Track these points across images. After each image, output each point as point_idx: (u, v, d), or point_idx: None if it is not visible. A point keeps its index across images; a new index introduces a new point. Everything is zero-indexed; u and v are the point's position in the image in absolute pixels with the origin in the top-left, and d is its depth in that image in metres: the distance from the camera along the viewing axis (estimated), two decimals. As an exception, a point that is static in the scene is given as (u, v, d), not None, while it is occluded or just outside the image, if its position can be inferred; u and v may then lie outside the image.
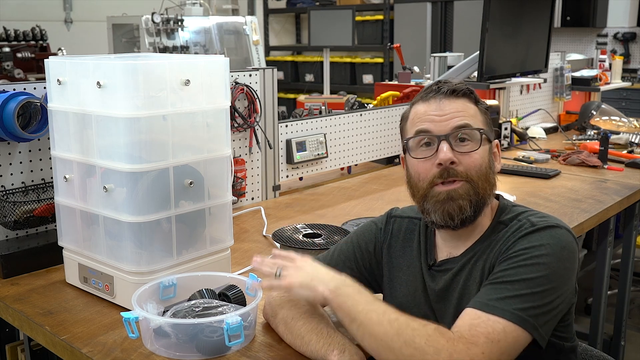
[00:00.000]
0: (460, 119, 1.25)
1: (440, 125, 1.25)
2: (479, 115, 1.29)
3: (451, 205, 1.23)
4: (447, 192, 1.23)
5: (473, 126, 1.25)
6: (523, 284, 1.12)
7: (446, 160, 1.22)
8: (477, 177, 1.24)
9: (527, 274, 1.13)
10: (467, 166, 1.23)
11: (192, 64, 1.51)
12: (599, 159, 2.94)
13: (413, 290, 1.33)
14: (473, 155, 1.24)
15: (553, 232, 1.19)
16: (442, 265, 1.31)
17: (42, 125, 1.75)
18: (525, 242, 1.18)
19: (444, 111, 1.26)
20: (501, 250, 1.21)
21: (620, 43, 6.74)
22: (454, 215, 1.23)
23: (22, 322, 1.49)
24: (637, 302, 3.79)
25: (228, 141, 1.60)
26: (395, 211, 1.45)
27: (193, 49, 5.28)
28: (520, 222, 1.24)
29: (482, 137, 1.25)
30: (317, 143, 2.61)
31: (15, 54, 3.51)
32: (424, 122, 1.27)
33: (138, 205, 1.43)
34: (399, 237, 1.40)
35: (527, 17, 3.33)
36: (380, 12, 7.03)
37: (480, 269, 1.24)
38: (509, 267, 1.16)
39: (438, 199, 1.24)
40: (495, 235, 1.26)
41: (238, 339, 1.26)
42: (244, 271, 1.71)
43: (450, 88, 1.27)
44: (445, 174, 1.23)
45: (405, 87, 3.40)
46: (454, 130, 1.24)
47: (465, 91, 1.28)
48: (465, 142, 1.25)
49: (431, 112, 1.27)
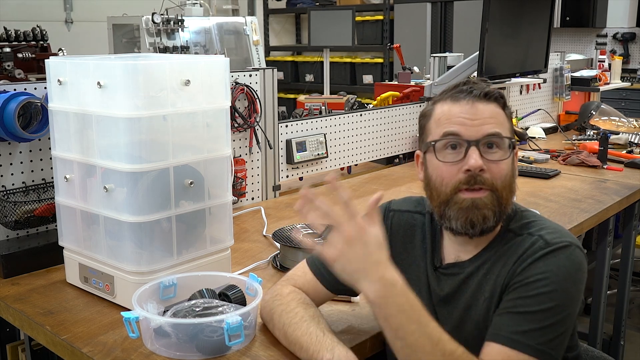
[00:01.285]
0: (492, 126, 1.20)
1: (472, 130, 1.19)
2: (506, 122, 1.24)
3: (475, 213, 1.19)
4: (472, 199, 1.19)
5: (503, 134, 1.21)
6: (542, 315, 1.12)
7: (476, 168, 1.17)
8: (502, 186, 1.20)
9: (546, 302, 1.13)
10: (494, 175, 1.19)
11: (192, 64, 1.51)
12: (598, 159, 2.94)
13: (417, 290, 1.29)
14: (501, 164, 1.20)
15: (568, 254, 1.16)
16: (448, 269, 1.28)
17: (42, 126, 1.75)
18: (541, 266, 1.15)
19: (476, 115, 1.20)
20: (515, 271, 1.18)
21: (620, 43, 6.74)
22: (477, 224, 1.19)
23: (22, 322, 1.49)
24: (637, 302, 3.79)
25: (228, 141, 1.60)
26: (393, 205, 1.41)
27: (193, 49, 5.28)
28: (532, 237, 1.21)
29: (512, 148, 1.22)
30: (317, 143, 2.61)
31: (16, 54, 3.50)
32: (453, 124, 1.21)
33: (138, 205, 1.43)
34: (399, 232, 1.36)
35: (527, 17, 3.33)
36: (380, 12, 7.02)
37: (492, 283, 1.21)
38: (528, 295, 1.14)
39: (462, 206, 1.19)
40: (505, 244, 1.23)
41: (238, 339, 1.26)
42: (244, 271, 1.71)
43: (484, 91, 1.22)
44: (472, 181, 1.18)
45: (405, 87, 3.40)
46: (486, 137, 1.19)
47: (497, 95, 1.23)
48: (493, 149, 1.20)
49: (462, 115, 1.21)
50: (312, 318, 1.28)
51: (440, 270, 1.30)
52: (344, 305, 1.52)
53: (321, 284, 1.37)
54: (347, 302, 1.52)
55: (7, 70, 3.39)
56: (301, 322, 1.26)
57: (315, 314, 1.31)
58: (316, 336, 1.22)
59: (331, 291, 1.38)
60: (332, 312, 1.48)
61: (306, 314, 1.29)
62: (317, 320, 1.28)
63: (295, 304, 1.31)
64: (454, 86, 1.26)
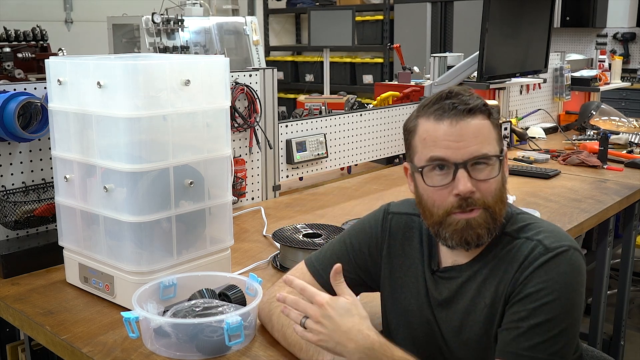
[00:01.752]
0: (478, 147, 1.17)
1: (458, 153, 1.17)
2: (493, 133, 1.20)
3: (469, 233, 1.18)
4: (466, 220, 1.18)
5: (490, 152, 1.18)
6: (549, 325, 1.12)
7: (466, 193, 1.16)
8: (494, 202, 1.19)
9: (551, 312, 1.12)
10: (484, 193, 1.18)
11: (192, 64, 1.51)
12: (598, 159, 2.94)
13: (416, 293, 1.31)
14: (491, 182, 1.18)
15: (568, 259, 1.16)
16: (446, 272, 1.28)
17: (42, 126, 1.75)
18: (542, 275, 1.15)
19: (462, 137, 1.17)
20: (518, 280, 1.17)
21: (620, 43, 6.74)
22: (471, 242, 1.19)
23: (22, 322, 1.49)
24: (637, 302, 3.79)
25: (228, 141, 1.60)
26: (392, 207, 1.40)
27: (193, 49, 5.28)
28: (530, 241, 1.20)
29: (501, 165, 1.20)
30: (317, 143, 2.61)
31: (16, 54, 3.50)
32: (439, 148, 1.18)
33: (138, 205, 1.43)
34: (398, 235, 1.36)
35: (527, 17, 3.33)
36: (380, 12, 7.03)
37: (493, 290, 1.21)
38: (532, 306, 1.14)
39: (456, 228, 1.19)
40: (502, 249, 1.22)
41: (238, 339, 1.26)
42: (244, 271, 1.71)
43: (467, 107, 1.18)
44: (464, 204, 1.17)
45: (405, 87, 3.40)
46: (472, 159, 1.17)
47: (481, 107, 1.20)
48: (481, 166, 1.18)
49: (447, 138, 1.18)
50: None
51: (438, 274, 1.29)
52: (344, 305, 1.52)
53: (319, 285, 1.37)
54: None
55: (7, 70, 3.39)
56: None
57: None
58: None
59: (329, 292, 1.37)
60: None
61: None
62: None
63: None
64: (437, 96, 1.23)
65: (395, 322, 1.34)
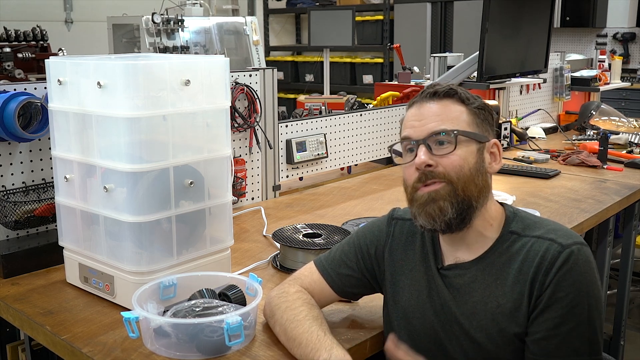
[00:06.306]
0: (437, 124, 1.23)
1: (419, 131, 1.25)
2: (464, 116, 1.25)
3: (432, 206, 1.22)
4: (427, 193, 1.23)
5: (449, 128, 1.23)
6: (584, 328, 1.16)
7: (420, 164, 1.22)
8: (458, 178, 1.22)
9: (582, 313, 1.16)
10: (446, 167, 1.22)
11: (192, 64, 1.51)
12: (598, 159, 2.94)
13: (416, 294, 1.32)
14: (450, 157, 1.22)
15: (583, 255, 1.19)
16: (451, 269, 1.29)
17: (42, 126, 1.75)
18: (568, 277, 1.16)
19: (423, 116, 1.26)
20: (543, 283, 1.18)
21: (620, 43, 6.74)
22: (435, 217, 1.22)
23: (22, 322, 1.49)
24: (637, 302, 3.80)
25: (228, 141, 1.60)
26: (397, 213, 1.43)
27: (193, 49, 5.28)
28: (543, 241, 1.21)
29: (456, 139, 1.22)
30: (317, 143, 2.61)
31: (16, 54, 3.50)
32: (406, 128, 1.28)
33: (138, 205, 1.43)
34: (401, 240, 1.38)
35: (527, 17, 3.33)
36: (380, 12, 7.03)
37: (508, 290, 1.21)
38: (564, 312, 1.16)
39: (421, 202, 1.24)
40: (510, 247, 1.24)
41: (238, 339, 1.26)
42: (244, 271, 1.71)
43: (431, 91, 1.27)
44: (424, 177, 1.23)
45: (405, 87, 3.40)
46: (430, 135, 1.23)
47: (448, 92, 1.26)
48: (444, 145, 1.23)
49: (412, 118, 1.27)
50: (315, 318, 1.30)
51: (443, 272, 1.30)
52: (344, 305, 1.52)
53: (328, 285, 1.40)
54: (347, 302, 1.53)
55: (7, 70, 3.39)
56: (304, 320, 1.28)
57: (319, 315, 1.33)
58: (317, 335, 1.24)
59: (337, 292, 1.41)
60: (332, 312, 1.48)
61: (310, 313, 1.31)
62: (319, 321, 1.29)
63: (300, 303, 1.33)
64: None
65: (397, 322, 1.34)
